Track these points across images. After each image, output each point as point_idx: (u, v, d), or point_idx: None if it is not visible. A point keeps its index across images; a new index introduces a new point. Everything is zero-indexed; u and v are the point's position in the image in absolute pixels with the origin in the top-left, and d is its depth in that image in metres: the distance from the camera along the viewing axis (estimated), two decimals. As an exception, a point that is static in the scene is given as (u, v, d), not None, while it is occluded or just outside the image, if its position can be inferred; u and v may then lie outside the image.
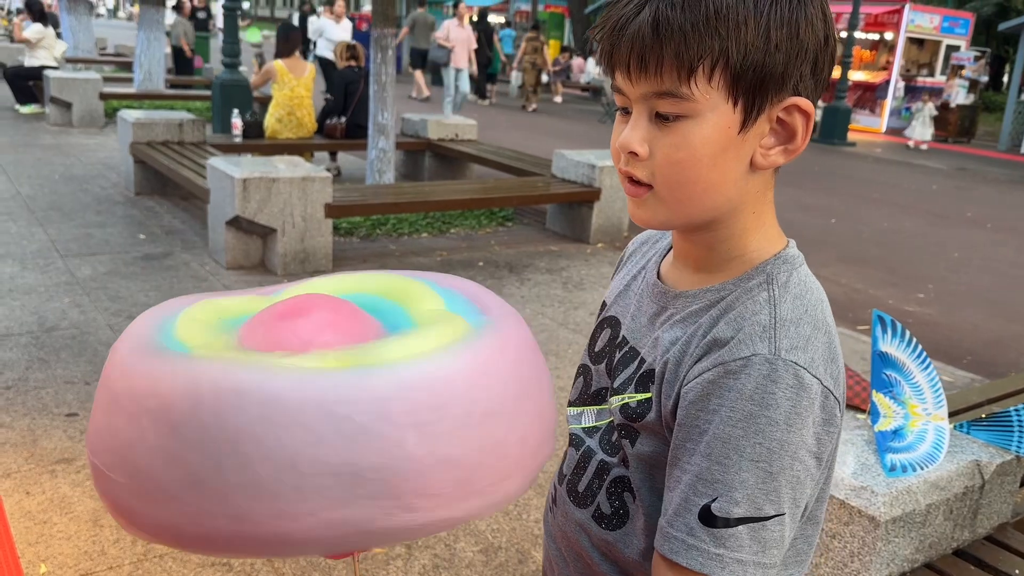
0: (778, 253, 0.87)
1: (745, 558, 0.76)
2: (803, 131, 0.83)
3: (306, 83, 7.56)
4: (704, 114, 0.79)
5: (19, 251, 5.08)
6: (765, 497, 0.76)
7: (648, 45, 0.77)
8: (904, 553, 1.85)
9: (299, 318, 0.91)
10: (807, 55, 0.80)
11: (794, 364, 0.77)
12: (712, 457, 0.77)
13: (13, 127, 9.82)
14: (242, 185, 4.77)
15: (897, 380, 2.08)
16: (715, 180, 0.81)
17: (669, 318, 0.88)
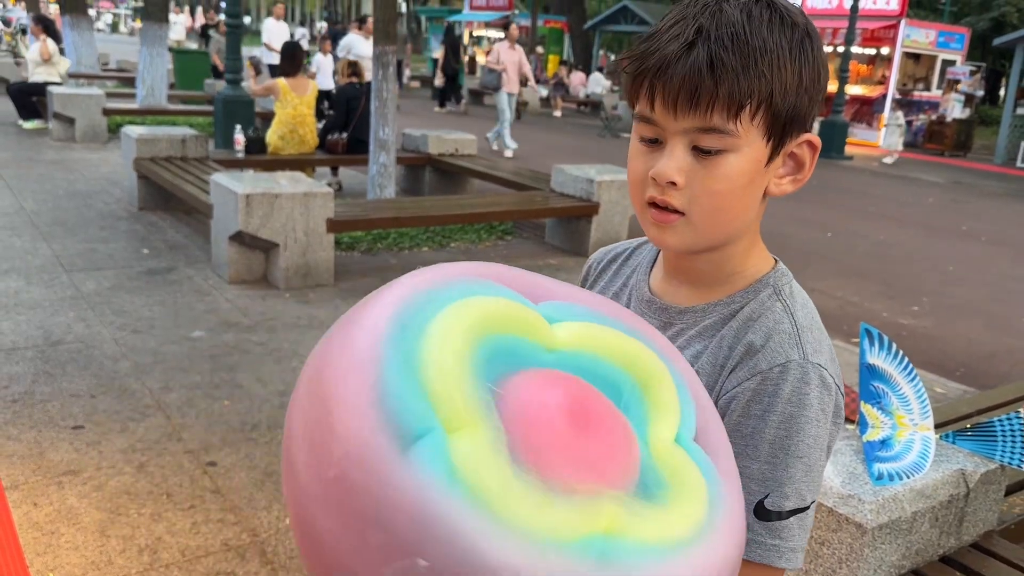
0: (775, 267, 0.95)
1: (796, 545, 0.85)
2: (810, 163, 0.91)
3: (308, 101, 7.65)
4: (743, 149, 0.85)
5: (24, 266, 5.14)
6: (807, 488, 0.85)
7: (703, 83, 0.82)
8: (891, 560, 1.90)
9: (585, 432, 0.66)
10: (821, 95, 0.88)
11: (818, 366, 0.86)
12: (761, 458, 0.84)
13: (17, 142, 9.90)
14: (245, 200, 4.84)
15: (884, 392, 2.14)
16: (742, 209, 0.89)
17: (680, 333, 0.94)
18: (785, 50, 0.84)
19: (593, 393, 0.70)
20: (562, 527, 0.61)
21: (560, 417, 0.65)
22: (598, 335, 0.75)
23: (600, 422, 0.67)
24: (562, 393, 0.67)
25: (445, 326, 0.66)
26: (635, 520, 0.65)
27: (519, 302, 0.73)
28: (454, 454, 0.60)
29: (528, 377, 0.67)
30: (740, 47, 0.82)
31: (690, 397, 0.78)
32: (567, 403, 0.66)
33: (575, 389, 0.68)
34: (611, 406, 0.70)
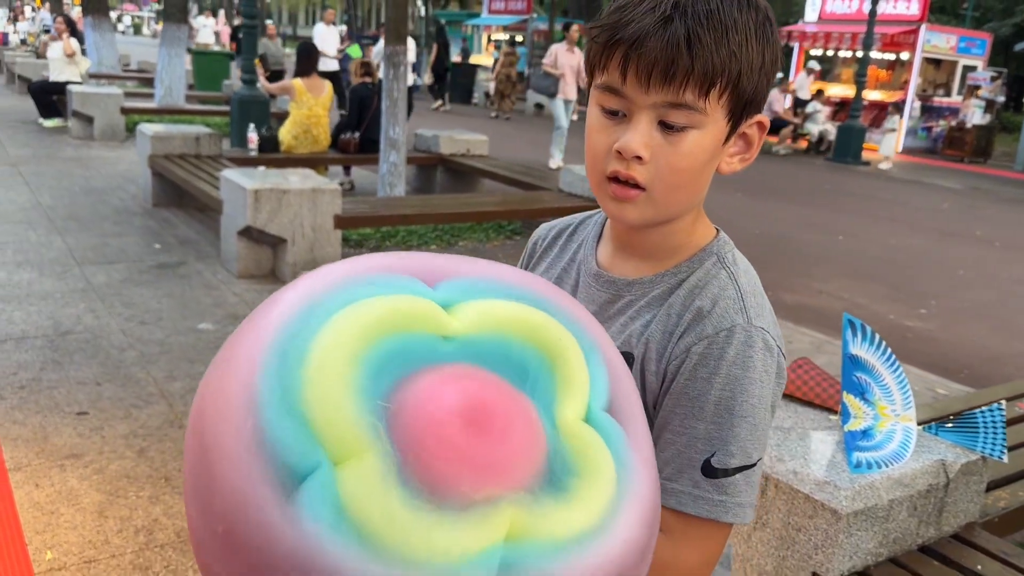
0: (717, 236, 0.98)
1: (743, 500, 0.88)
2: (758, 142, 0.94)
3: (323, 102, 7.73)
4: (707, 126, 0.87)
5: (38, 258, 5.24)
6: (752, 446, 0.88)
7: (680, 58, 0.82)
8: (867, 547, 1.92)
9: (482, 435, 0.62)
10: (774, 76, 0.91)
11: (762, 330, 0.89)
12: (708, 419, 0.87)
13: (37, 140, 10.06)
14: (254, 196, 4.90)
15: (867, 382, 2.16)
16: (699, 185, 0.92)
17: (630, 304, 0.96)
18: (752, 31, 0.86)
19: (492, 386, 0.65)
20: (456, 547, 0.59)
21: (454, 423, 0.61)
22: (499, 312, 0.70)
23: (499, 419, 0.63)
24: (456, 395, 0.62)
25: (326, 345, 0.61)
26: (537, 520, 0.62)
27: (410, 293, 0.67)
28: (342, 490, 0.57)
29: (423, 380, 0.63)
30: (715, 25, 0.83)
31: (601, 362, 0.75)
32: (462, 406, 0.62)
33: (472, 387, 0.64)
34: (513, 395, 0.66)
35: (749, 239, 7.84)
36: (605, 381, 0.74)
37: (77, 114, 10.28)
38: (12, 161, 8.50)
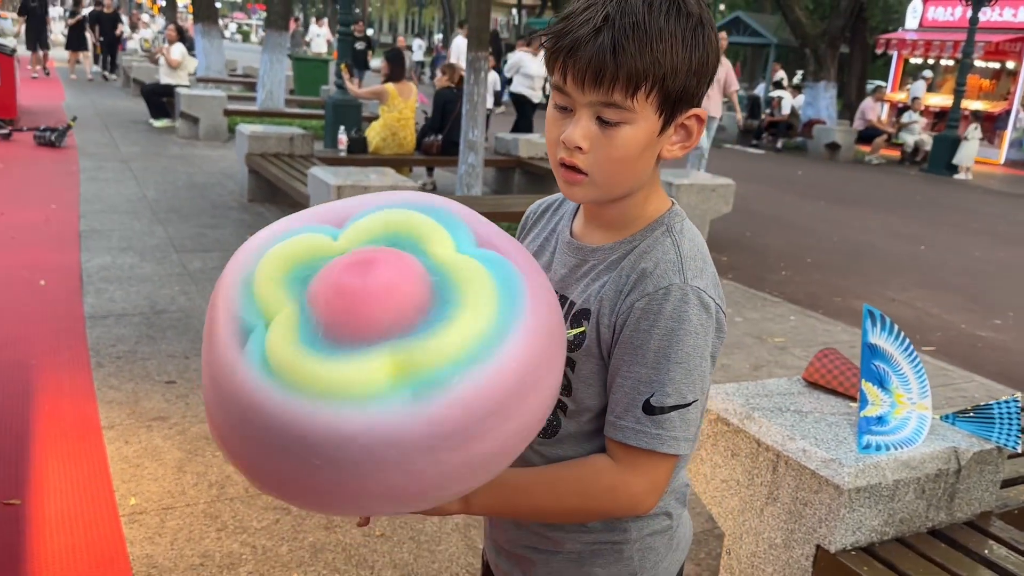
0: (670, 208, 1.12)
1: (678, 435, 1.02)
2: (697, 133, 1.07)
3: (411, 105, 8.05)
4: (638, 122, 0.99)
5: (140, 245, 5.68)
6: (687, 388, 1.01)
7: (606, 65, 0.95)
8: (871, 524, 2.01)
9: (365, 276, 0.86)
10: (709, 75, 1.03)
11: (698, 288, 1.02)
12: (647, 364, 1.01)
13: (146, 138, 10.75)
14: (336, 192, 5.20)
15: (885, 371, 2.24)
16: (637, 171, 1.05)
17: (592, 268, 1.11)
18: (678, 38, 0.97)
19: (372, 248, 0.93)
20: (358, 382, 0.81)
21: (345, 273, 0.87)
22: (363, 225, 0.98)
23: (381, 259, 0.89)
24: (345, 259, 0.90)
25: (263, 265, 0.94)
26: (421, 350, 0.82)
27: (319, 233, 0.98)
28: (267, 341, 0.86)
29: (330, 264, 0.92)
30: (639, 35, 0.95)
31: (458, 220, 1.00)
32: (348, 261, 0.89)
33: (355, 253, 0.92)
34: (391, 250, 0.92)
35: (827, 246, 7.79)
36: (463, 228, 0.99)
37: (184, 115, 10.92)
38: (123, 158, 9.13)
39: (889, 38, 19.06)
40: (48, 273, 4.91)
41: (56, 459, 2.88)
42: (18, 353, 3.75)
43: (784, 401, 2.34)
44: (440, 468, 0.83)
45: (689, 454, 1.17)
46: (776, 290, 6.01)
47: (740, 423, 2.25)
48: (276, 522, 2.64)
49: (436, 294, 0.88)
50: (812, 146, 16.36)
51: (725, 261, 6.69)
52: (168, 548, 2.46)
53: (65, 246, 5.53)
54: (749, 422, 2.23)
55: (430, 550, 2.56)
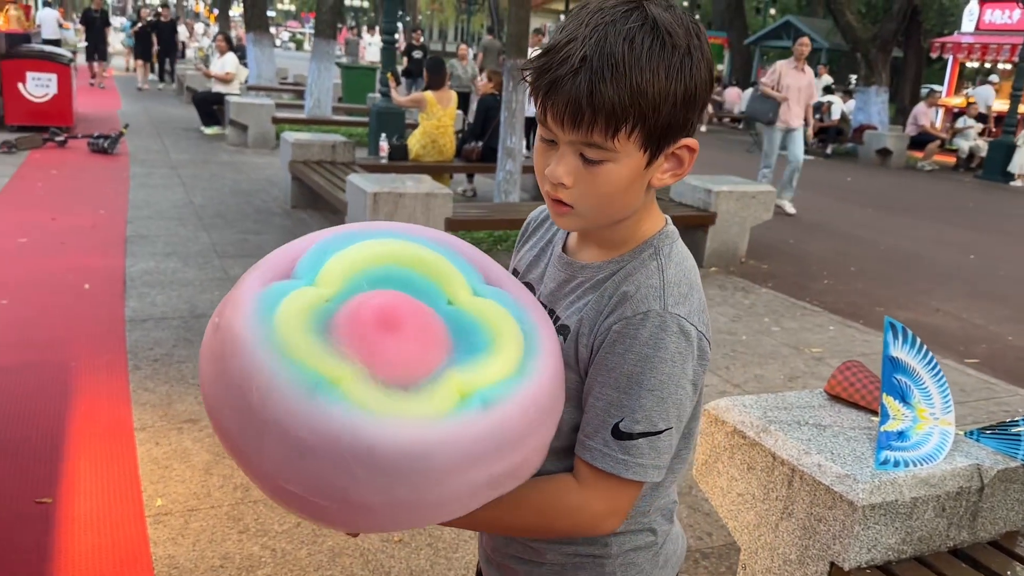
0: (660, 230, 1.10)
1: (645, 462, 1.01)
2: (689, 162, 1.05)
3: (451, 113, 8.11)
4: (622, 160, 0.98)
5: (184, 251, 5.81)
6: (658, 416, 1.00)
7: (582, 110, 0.94)
8: (888, 542, 1.97)
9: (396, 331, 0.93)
10: (699, 104, 1.00)
11: (678, 316, 1.01)
12: (619, 388, 1.00)
13: (196, 146, 10.99)
14: (373, 198, 5.27)
15: (907, 385, 2.19)
16: (625, 204, 1.04)
17: (579, 285, 1.10)
18: (660, 75, 0.94)
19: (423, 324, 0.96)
20: (304, 354, 0.89)
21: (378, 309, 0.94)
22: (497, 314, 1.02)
23: (400, 332, 0.93)
24: (398, 303, 0.96)
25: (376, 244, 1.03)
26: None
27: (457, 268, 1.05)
28: (289, 294, 0.94)
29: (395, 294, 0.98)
30: (618, 79, 0.93)
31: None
32: (392, 307, 0.95)
33: (412, 309, 0.96)
34: (425, 335, 0.95)
35: (873, 254, 7.63)
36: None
37: (234, 123, 11.15)
38: (173, 164, 9.35)
39: (944, 42, 18.63)
40: (93, 277, 5.05)
41: (88, 459, 2.96)
42: (59, 355, 3.86)
43: (803, 414, 2.30)
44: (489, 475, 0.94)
45: (680, 473, 1.17)
46: (816, 299, 5.91)
47: (756, 436, 2.21)
48: (297, 526, 2.67)
49: (458, 334, 0.98)
50: (863, 152, 16.06)
51: (765, 269, 6.60)
52: (190, 549, 2.51)
53: (111, 251, 5.68)
54: (765, 435, 2.20)
55: (447, 557, 2.58)
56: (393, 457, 0.87)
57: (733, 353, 4.62)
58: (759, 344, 4.82)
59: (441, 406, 0.90)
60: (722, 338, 4.86)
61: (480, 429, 0.91)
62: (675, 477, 1.16)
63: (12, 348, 3.91)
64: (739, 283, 6.12)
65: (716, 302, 5.59)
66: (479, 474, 0.92)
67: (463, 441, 0.90)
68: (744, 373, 4.33)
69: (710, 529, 2.85)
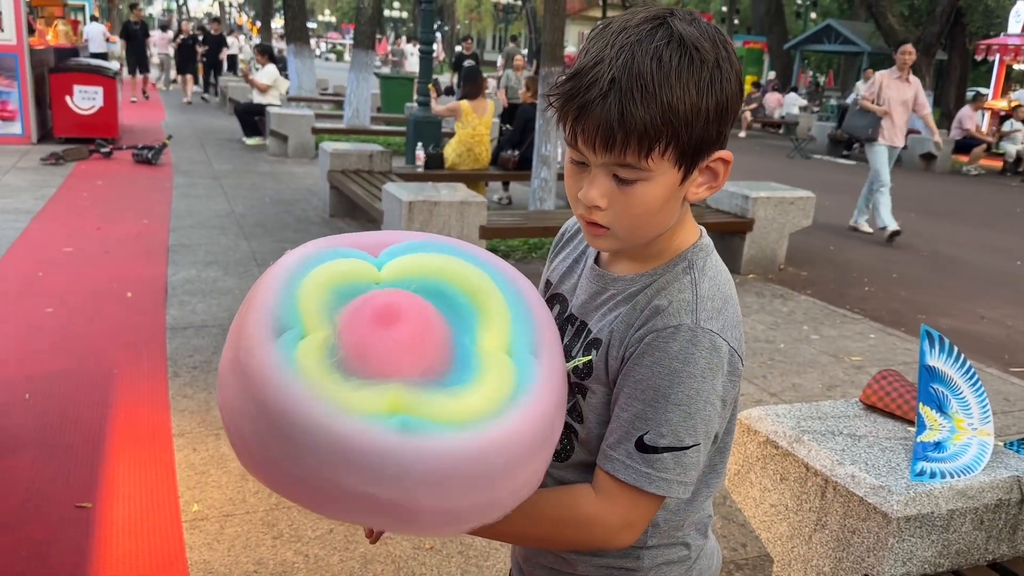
0: (695, 242, 1.08)
1: (669, 477, 1.00)
2: (724, 173, 1.04)
3: (486, 122, 8.15)
4: (656, 178, 0.97)
5: (224, 259, 5.90)
6: (684, 431, 0.99)
7: (614, 132, 0.93)
8: (924, 555, 1.93)
9: (390, 328, 0.92)
10: (731, 116, 0.99)
11: (710, 331, 1.00)
12: (646, 401, 0.99)
13: (238, 156, 11.17)
14: (408, 207, 5.31)
15: (944, 395, 2.15)
16: (661, 221, 1.03)
17: (612, 298, 1.10)
18: (691, 91, 0.93)
19: (407, 298, 0.95)
20: (360, 402, 0.88)
21: (373, 313, 0.93)
22: (421, 262, 1.01)
23: (407, 319, 0.93)
24: (377, 302, 0.95)
25: (311, 278, 0.98)
26: (423, 402, 0.88)
27: (358, 258, 1.03)
28: (299, 348, 0.92)
29: (365, 296, 0.96)
30: (648, 99, 0.92)
31: (530, 315, 0.99)
32: (379, 307, 0.94)
33: (388, 297, 0.95)
34: (425, 306, 0.95)
35: (916, 260, 7.50)
36: (530, 329, 0.99)
37: (274, 133, 11.32)
38: (215, 175, 9.51)
39: (990, 43, 18.25)
40: (136, 285, 5.16)
41: (127, 464, 3.02)
42: (102, 361, 3.95)
43: (837, 424, 2.26)
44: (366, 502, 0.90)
45: (716, 488, 1.15)
46: (857, 306, 5.82)
47: (789, 446, 2.19)
48: (330, 532, 2.70)
49: (455, 365, 0.93)
50: (906, 157, 15.76)
51: (804, 276, 6.52)
52: (225, 555, 2.54)
53: (154, 259, 5.79)
54: (798, 445, 2.17)
55: (478, 565, 2.58)
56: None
57: (771, 362, 4.57)
58: (797, 352, 4.76)
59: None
60: (759, 346, 4.81)
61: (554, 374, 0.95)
62: (710, 491, 1.15)
63: (57, 355, 4.01)
64: (777, 290, 6.05)
65: (753, 310, 5.54)
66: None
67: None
68: (781, 382, 4.28)
69: (744, 540, 2.82)
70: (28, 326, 4.38)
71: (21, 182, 8.31)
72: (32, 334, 4.27)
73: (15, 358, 3.94)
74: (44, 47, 11.83)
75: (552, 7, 6.81)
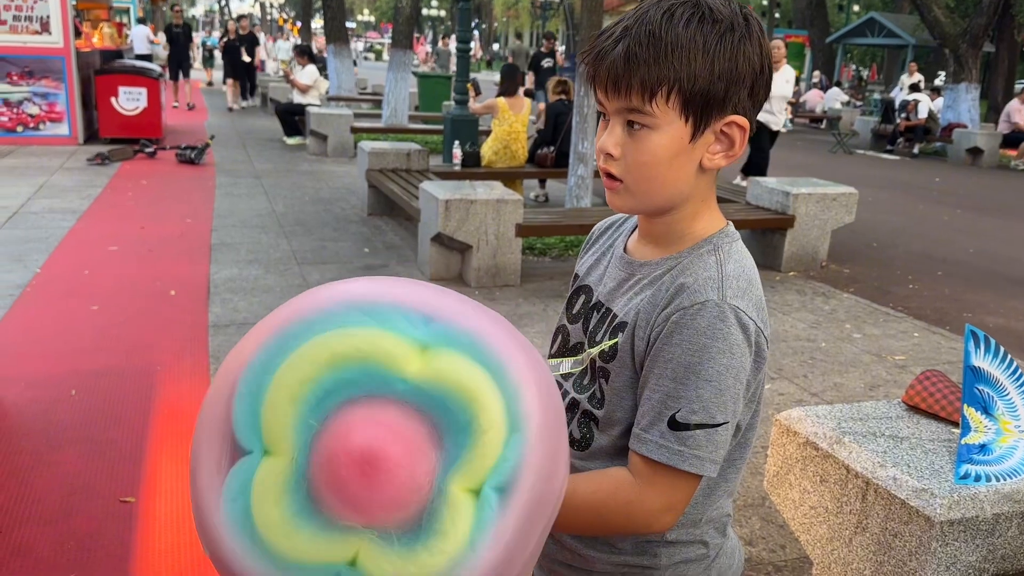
0: (721, 229, 1.11)
1: (701, 454, 1.00)
2: (740, 141, 1.05)
3: (523, 119, 8.15)
4: (662, 127, 1.01)
5: (265, 258, 5.98)
6: (716, 408, 1.00)
7: (620, 73, 1.00)
8: (968, 559, 1.89)
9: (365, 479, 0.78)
10: (744, 82, 1.02)
11: (736, 308, 1.01)
12: (676, 379, 1.00)
13: (279, 156, 11.30)
14: (444, 206, 5.33)
15: (990, 396, 2.10)
16: (671, 178, 1.05)
17: (637, 282, 1.11)
18: (698, 44, 0.98)
19: (400, 443, 0.79)
20: (308, 552, 0.77)
21: (349, 463, 0.78)
22: (458, 373, 0.82)
23: (387, 473, 0.78)
24: (364, 441, 0.78)
25: (291, 365, 0.80)
26: (379, 558, 0.77)
27: (394, 331, 0.82)
28: (255, 477, 0.78)
29: (358, 411, 0.79)
30: (654, 43, 0.98)
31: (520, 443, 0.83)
32: (363, 451, 0.78)
33: (381, 436, 0.79)
34: (414, 457, 0.79)
35: (963, 257, 7.34)
36: (514, 457, 0.83)
37: (314, 133, 11.43)
38: (256, 174, 9.64)
39: (1041, 34, 17.79)
40: (179, 284, 5.24)
41: (170, 460, 3.07)
42: (147, 359, 4.02)
43: (879, 425, 2.23)
44: None
45: (734, 486, 1.15)
46: (901, 305, 5.71)
47: (829, 448, 2.15)
48: (367, 529, 2.71)
49: (427, 512, 0.80)
50: (952, 151, 15.47)
51: (847, 274, 6.41)
52: (264, 550, 2.57)
53: (196, 258, 5.88)
54: (839, 447, 2.14)
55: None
56: None
57: (811, 361, 4.51)
58: (839, 351, 4.69)
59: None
60: (800, 345, 4.74)
61: (510, 522, 0.81)
62: (729, 487, 1.15)
63: (102, 352, 4.09)
64: (819, 288, 5.97)
65: (794, 308, 5.46)
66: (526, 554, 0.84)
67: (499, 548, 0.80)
68: (823, 381, 4.22)
69: (783, 542, 2.78)
70: (74, 323, 4.48)
71: (68, 182, 8.49)
72: (78, 331, 4.37)
73: (61, 354, 4.03)
74: (90, 49, 12.09)
75: (589, 3, 6.78)
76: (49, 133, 10.96)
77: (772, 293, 5.72)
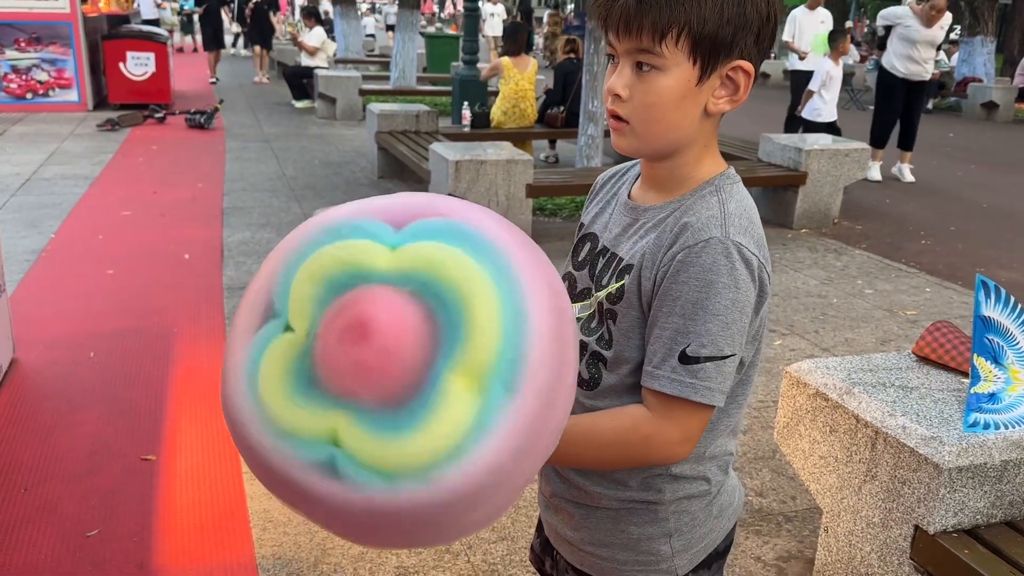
0: (722, 172, 1.13)
1: (712, 385, 1.04)
2: (744, 86, 1.08)
3: (529, 77, 8.07)
4: (670, 69, 1.04)
5: (277, 221, 6.00)
6: (724, 340, 1.03)
7: (632, 14, 1.02)
8: (976, 505, 1.91)
9: (357, 344, 0.82)
10: (751, 28, 1.05)
11: (739, 244, 1.04)
12: (685, 315, 1.03)
13: (288, 119, 11.27)
14: (455, 167, 5.32)
15: (1000, 345, 2.11)
16: (676, 120, 1.07)
17: (642, 226, 1.14)
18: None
19: (387, 308, 0.83)
20: (300, 423, 0.83)
21: (343, 324, 0.83)
22: (434, 255, 0.86)
23: (379, 336, 0.82)
24: (351, 312, 0.84)
25: (313, 260, 0.90)
26: (362, 438, 0.81)
27: (372, 238, 0.89)
28: (271, 346, 0.87)
29: (354, 294, 0.85)
30: None
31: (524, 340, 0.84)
32: (351, 319, 0.83)
33: (363, 307, 0.84)
34: (406, 320, 0.82)
35: (976, 213, 7.30)
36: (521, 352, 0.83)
37: (322, 96, 11.38)
38: (266, 138, 9.63)
39: (1060, -15, 17.43)
40: (192, 247, 5.28)
41: (189, 420, 3.12)
42: (163, 321, 4.07)
43: (889, 376, 2.24)
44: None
45: (736, 422, 1.18)
46: (913, 260, 5.70)
47: (839, 398, 2.18)
48: (383, 484, 2.76)
49: (419, 393, 0.82)
50: (966, 106, 15.27)
51: (859, 230, 6.39)
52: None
53: (209, 222, 5.91)
54: (849, 397, 2.16)
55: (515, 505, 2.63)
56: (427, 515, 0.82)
57: (823, 316, 4.52)
58: (851, 307, 4.69)
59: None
60: (812, 301, 4.75)
61: (522, 418, 0.82)
62: (731, 422, 1.18)
63: (120, 315, 4.14)
64: (831, 244, 5.95)
65: (806, 264, 5.46)
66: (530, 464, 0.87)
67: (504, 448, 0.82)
68: (834, 337, 4.23)
69: (793, 493, 2.82)
70: (91, 287, 4.53)
71: (79, 148, 8.51)
72: (95, 295, 4.42)
73: (79, 318, 4.08)
74: (97, 15, 12.01)
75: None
76: (58, 100, 10.96)
77: (784, 250, 5.71)
